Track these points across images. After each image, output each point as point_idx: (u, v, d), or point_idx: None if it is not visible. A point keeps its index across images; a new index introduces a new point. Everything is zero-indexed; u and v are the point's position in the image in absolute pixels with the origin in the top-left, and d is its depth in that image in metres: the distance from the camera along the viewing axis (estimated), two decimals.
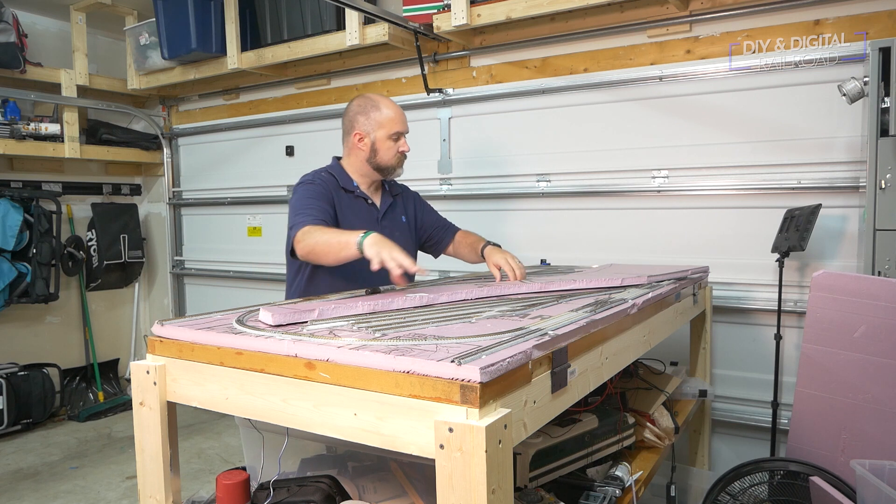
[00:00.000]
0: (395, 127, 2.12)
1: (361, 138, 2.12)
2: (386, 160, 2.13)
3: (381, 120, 2.10)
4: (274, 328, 1.26)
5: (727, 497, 2.03)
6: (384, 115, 2.11)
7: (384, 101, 2.15)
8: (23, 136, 4.09)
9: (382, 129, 2.10)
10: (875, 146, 2.16)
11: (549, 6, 2.89)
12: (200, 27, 3.93)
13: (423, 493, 1.29)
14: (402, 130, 2.15)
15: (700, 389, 2.51)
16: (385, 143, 2.11)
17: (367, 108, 2.12)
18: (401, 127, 2.14)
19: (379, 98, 2.16)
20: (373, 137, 2.11)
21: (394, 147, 2.13)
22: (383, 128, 2.10)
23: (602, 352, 1.41)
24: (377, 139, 2.11)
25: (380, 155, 2.12)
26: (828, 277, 2.07)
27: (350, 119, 2.15)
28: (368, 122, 2.11)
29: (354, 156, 2.16)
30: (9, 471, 3.52)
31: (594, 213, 3.17)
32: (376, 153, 2.12)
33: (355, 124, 2.13)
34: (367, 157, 2.13)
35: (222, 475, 1.27)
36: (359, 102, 2.15)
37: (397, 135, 2.13)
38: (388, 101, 2.15)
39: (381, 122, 2.10)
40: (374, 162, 2.14)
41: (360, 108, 2.13)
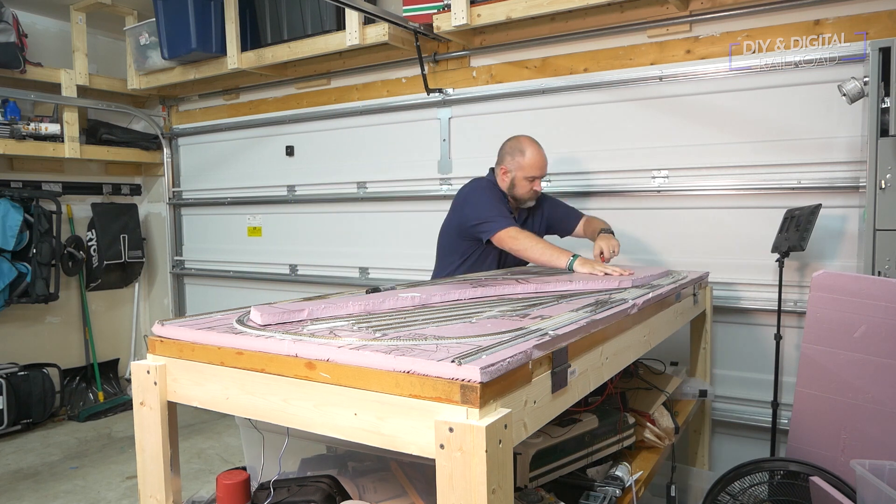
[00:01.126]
0: (532, 172, 2.54)
1: (506, 172, 2.58)
2: (520, 194, 2.59)
3: (522, 163, 2.54)
4: (274, 328, 1.26)
5: (727, 497, 2.03)
6: (526, 161, 2.54)
7: (530, 149, 2.55)
8: (23, 136, 4.09)
9: (522, 171, 2.54)
10: (875, 146, 2.16)
11: (549, 6, 2.89)
12: (200, 27, 3.93)
13: (423, 493, 1.29)
14: (537, 175, 2.56)
15: (700, 389, 2.51)
16: (522, 182, 2.55)
17: (516, 150, 2.56)
18: (537, 172, 2.56)
19: (526, 144, 2.56)
20: (513, 175, 2.56)
21: (528, 186, 2.56)
22: (523, 170, 2.54)
23: (602, 352, 1.41)
24: (517, 178, 2.55)
25: (516, 189, 2.58)
26: (828, 277, 2.07)
27: (502, 154, 2.61)
28: (513, 162, 2.56)
29: (500, 181, 2.61)
30: (9, 471, 3.52)
31: (594, 213, 3.16)
32: (514, 187, 2.58)
33: (504, 160, 2.59)
34: (507, 186, 2.59)
35: (222, 475, 1.27)
36: (511, 144, 2.59)
37: (532, 178, 2.55)
38: (533, 149, 2.55)
39: (523, 165, 2.54)
40: (511, 192, 2.59)
41: (511, 148, 2.58)
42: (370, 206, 3.92)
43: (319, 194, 4.11)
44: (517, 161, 2.54)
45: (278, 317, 1.32)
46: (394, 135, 3.80)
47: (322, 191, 4.10)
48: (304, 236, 4.25)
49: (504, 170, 2.58)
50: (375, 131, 3.87)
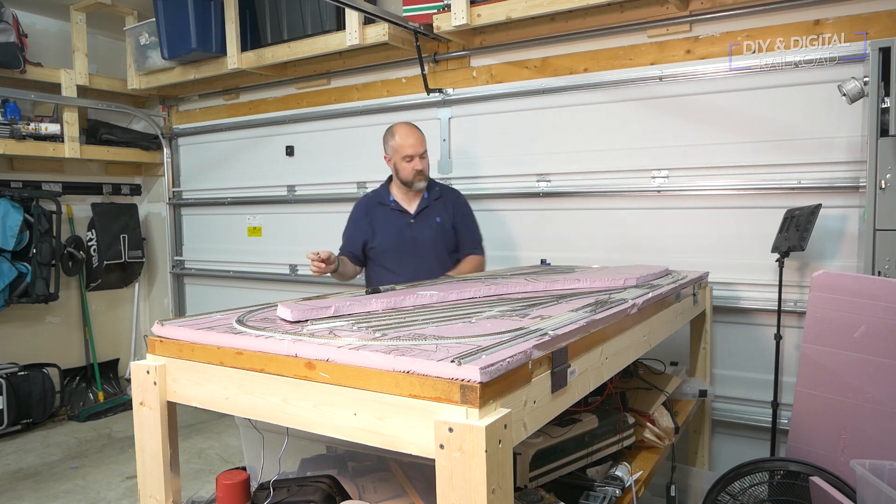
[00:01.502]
0: (405, 151, 2.63)
1: (388, 160, 2.71)
2: (404, 176, 2.67)
3: (395, 146, 2.64)
4: (274, 327, 1.26)
5: (727, 497, 2.03)
6: (397, 142, 2.63)
7: (400, 131, 2.65)
8: (23, 136, 4.09)
9: (397, 153, 2.64)
10: (875, 146, 2.16)
11: (549, 6, 2.89)
12: (200, 27, 3.93)
13: (423, 493, 1.29)
14: (411, 153, 2.62)
15: (700, 389, 2.51)
16: (401, 164, 2.64)
17: (388, 136, 2.69)
18: (411, 150, 2.62)
19: (397, 127, 2.67)
20: (393, 160, 2.67)
21: (408, 167, 2.63)
22: (397, 152, 2.64)
23: (602, 352, 1.41)
24: (396, 161, 2.66)
25: (400, 173, 2.67)
26: (828, 277, 2.07)
27: (383, 146, 2.73)
28: (389, 148, 2.68)
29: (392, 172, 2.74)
30: (9, 471, 3.52)
31: (594, 213, 3.17)
32: (398, 171, 2.68)
33: (385, 150, 2.72)
34: (394, 173, 2.71)
35: (222, 475, 1.27)
36: (386, 132, 2.72)
37: (409, 157, 2.62)
38: (403, 130, 2.65)
39: (396, 147, 2.64)
40: (398, 177, 2.70)
41: (386, 137, 2.71)
42: None
43: (319, 194, 4.11)
44: (391, 145, 2.66)
45: (307, 313, 1.34)
46: None
47: (322, 191, 4.10)
48: (304, 236, 4.24)
49: (386, 158, 2.72)
50: (375, 131, 3.85)
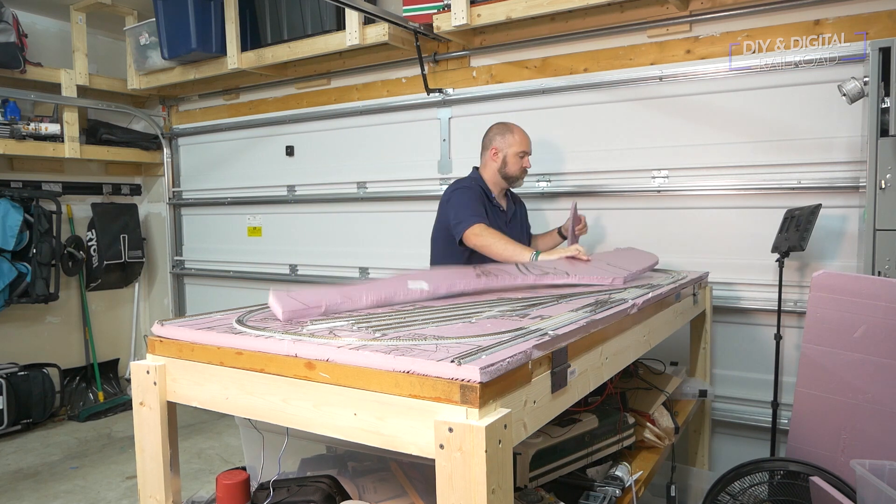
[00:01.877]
0: (522, 147, 2.68)
1: (496, 152, 2.69)
2: (512, 171, 2.69)
3: (512, 141, 2.68)
4: (274, 327, 1.26)
5: (727, 497, 2.03)
6: (516, 137, 2.68)
7: (517, 128, 2.71)
8: (23, 136, 4.09)
9: (512, 147, 2.67)
10: (875, 146, 2.16)
11: (549, 6, 2.89)
12: (200, 27, 3.93)
13: (423, 493, 1.29)
14: (527, 151, 2.70)
15: (700, 389, 2.51)
16: (513, 158, 2.67)
17: (505, 131, 2.70)
18: (527, 147, 2.70)
19: (514, 125, 2.73)
20: (504, 153, 2.68)
21: (519, 162, 2.68)
22: (513, 146, 2.67)
23: (602, 352, 1.41)
24: (508, 155, 2.67)
25: (508, 167, 2.68)
26: (828, 277, 2.07)
27: (490, 137, 2.72)
28: (503, 141, 2.68)
29: (489, 167, 2.71)
30: (9, 471, 3.52)
31: (594, 213, 3.17)
32: (506, 165, 2.68)
33: (493, 141, 2.70)
34: (499, 167, 2.69)
35: (222, 475, 1.27)
36: (498, 126, 2.73)
37: (523, 153, 2.68)
38: (520, 128, 2.71)
39: (513, 142, 2.67)
40: (503, 171, 2.69)
41: (500, 130, 2.72)
42: (370, 206, 3.92)
43: (319, 194, 4.11)
44: (507, 139, 2.67)
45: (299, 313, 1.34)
46: (394, 135, 3.80)
47: (322, 191, 4.10)
48: (304, 236, 4.25)
49: (494, 150, 2.68)
50: (375, 131, 3.87)
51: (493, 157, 2.69)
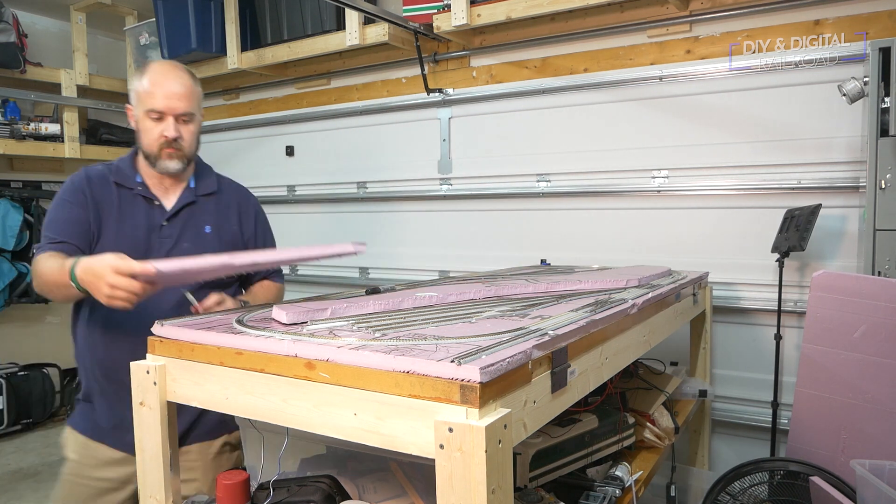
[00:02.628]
0: (151, 102, 1.63)
1: (131, 114, 1.70)
2: (145, 145, 1.67)
3: (140, 92, 1.65)
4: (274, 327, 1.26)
5: (727, 497, 2.03)
6: (144, 86, 1.64)
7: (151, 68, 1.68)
8: (23, 136, 4.09)
9: (141, 104, 1.65)
10: (875, 146, 2.16)
11: (549, 6, 2.89)
12: (200, 27, 3.93)
13: (423, 493, 1.29)
14: (159, 108, 1.63)
15: (700, 389, 2.51)
16: (144, 122, 1.65)
17: (136, 76, 1.70)
18: (160, 103, 1.62)
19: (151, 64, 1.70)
20: (136, 115, 1.67)
21: (153, 129, 1.64)
22: (142, 103, 1.65)
23: (602, 352, 1.41)
24: (139, 118, 1.66)
25: (142, 137, 1.68)
26: (828, 277, 2.07)
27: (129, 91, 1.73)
28: (134, 95, 1.68)
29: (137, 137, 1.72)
30: (9, 471, 3.52)
31: (594, 213, 3.17)
32: (140, 135, 1.68)
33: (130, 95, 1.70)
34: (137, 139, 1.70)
35: (222, 475, 1.27)
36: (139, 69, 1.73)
37: (156, 113, 1.63)
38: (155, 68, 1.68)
39: (140, 94, 1.65)
40: (140, 146, 1.70)
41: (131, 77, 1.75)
42: (370, 206, 3.92)
43: (319, 194, 4.11)
44: (136, 91, 1.67)
45: (302, 316, 1.33)
46: (394, 135, 3.80)
47: (322, 191, 4.10)
48: (303, 236, 4.24)
49: (129, 111, 1.72)
50: (375, 131, 3.87)
51: (132, 122, 1.71)
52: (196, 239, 1.75)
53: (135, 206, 1.69)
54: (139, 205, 1.70)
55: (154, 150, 1.66)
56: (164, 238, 1.70)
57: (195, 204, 1.78)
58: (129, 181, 1.70)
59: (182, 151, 1.69)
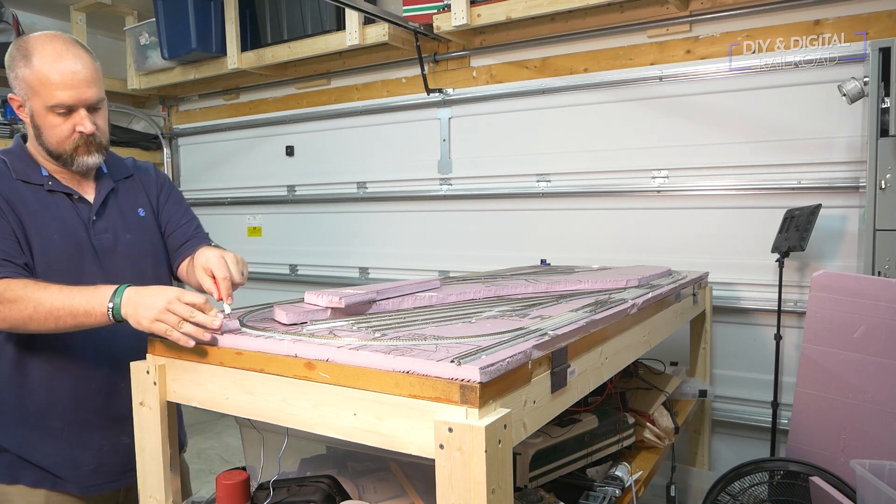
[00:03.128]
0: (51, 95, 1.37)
1: (20, 105, 1.43)
2: (53, 144, 1.42)
3: (31, 81, 1.38)
4: (274, 328, 1.26)
5: (727, 497, 2.03)
6: (35, 74, 1.36)
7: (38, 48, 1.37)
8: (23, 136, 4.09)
9: (38, 96, 1.38)
10: (875, 146, 2.16)
11: (549, 6, 2.89)
12: (200, 27, 3.93)
13: (423, 493, 1.29)
14: (68, 103, 1.38)
15: (700, 389, 2.51)
16: (46, 117, 1.39)
17: (16, 60, 1.39)
18: (66, 97, 1.37)
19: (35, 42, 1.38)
20: (30, 108, 1.41)
21: (61, 125, 1.40)
22: (38, 95, 1.38)
23: (602, 352, 1.41)
24: (36, 112, 1.40)
25: (45, 135, 1.42)
26: (828, 277, 2.07)
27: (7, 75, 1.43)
28: (21, 84, 1.39)
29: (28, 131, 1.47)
30: None
31: (594, 213, 3.17)
32: (40, 132, 1.43)
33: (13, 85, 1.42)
34: (34, 134, 1.45)
35: (222, 475, 1.27)
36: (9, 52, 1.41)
37: (64, 108, 1.39)
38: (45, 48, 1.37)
39: (33, 84, 1.38)
40: (42, 144, 1.44)
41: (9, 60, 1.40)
42: (370, 206, 3.92)
43: (319, 194, 4.11)
44: (24, 80, 1.38)
45: (304, 315, 1.33)
46: (394, 135, 3.80)
47: (322, 191, 4.10)
48: (303, 236, 4.25)
49: (17, 102, 1.44)
50: (375, 131, 3.87)
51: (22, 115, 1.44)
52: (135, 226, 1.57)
53: (53, 204, 1.45)
54: (58, 202, 1.46)
55: (67, 149, 1.42)
56: (101, 234, 1.50)
57: (117, 190, 1.57)
58: (35, 177, 1.45)
59: (101, 143, 1.47)
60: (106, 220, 1.52)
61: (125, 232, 1.54)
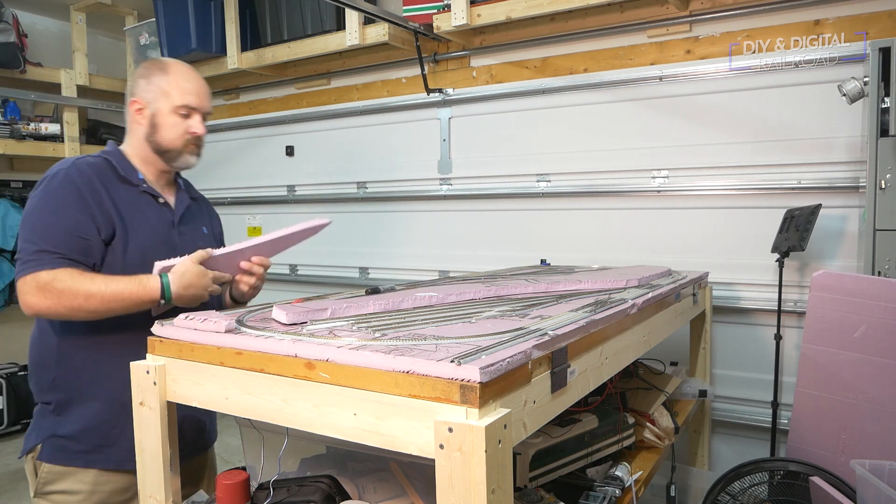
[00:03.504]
0: (183, 98, 1.64)
1: (140, 108, 1.66)
2: (169, 141, 1.66)
3: (166, 87, 1.64)
4: (274, 328, 1.26)
5: (727, 497, 2.03)
6: (172, 81, 1.64)
7: (176, 66, 1.69)
8: (23, 136, 4.09)
9: (167, 98, 1.64)
10: (875, 146, 2.16)
11: (549, 6, 2.89)
12: (200, 27, 3.93)
13: (423, 493, 1.29)
14: (193, 105, 1.65)
15: (700, 389, 2.51)
16: (168, 118, 1.64)
17: (154, 71, 1.66)
18: (193, 100, 1.65)
19: (173, 62, 1.70)
20: (153, 109, 1.65)
21: (180, 125, 1.65)
22: (168, 97, 1.63)
23: (602, 352, 1.41)
24: (159, 112, 1.64)
25: (161, 133, 1.65)
26: (828, 277, 2.07)
27: (133, 85, 1.68)
28: (150, 89, 1.65)
29: (134, 133, 1.68)
30: (9, 471, 3.52)
31: (594, 213, 3.17)
32: (157, 130, 1.65)
33: (136, 91, 1.66)
34: (146, 134, 1.66)
35: (222, 475, 1.27)
36: (145, 65, 1.70)
37: (187, 109, 1.65)
38: (182, 67, 1.70)
39: (167, 90, 1.64)
40: (153, 141, 1.66)
41: (146, 72, 1.67)
42: (370, 206, 3.92)
43: (319, 194, 4.12)
44: (157, 85, 1.64)
45: (303, 316, 1.33)
46: (394, 135, 3.80)
47: (322, 191, 4.11)
48: None
49: (137, 105, 1.66)
50: (375, 131, 3.87)
51: (138, 117, 1.66)
52: (201, 237, 1.80)
53: (144, 204, 1.67)
54: (148, 202, 1.68)
55: (178, 146, 1.67)
56: (182, 235, 1.73)
57: (190, 205, 1.83)
58: (133, 177, 1.66)
59: (201, 148, 1.75)
60: (185, 225, 1.77)
61: (197, 239, 1.77)
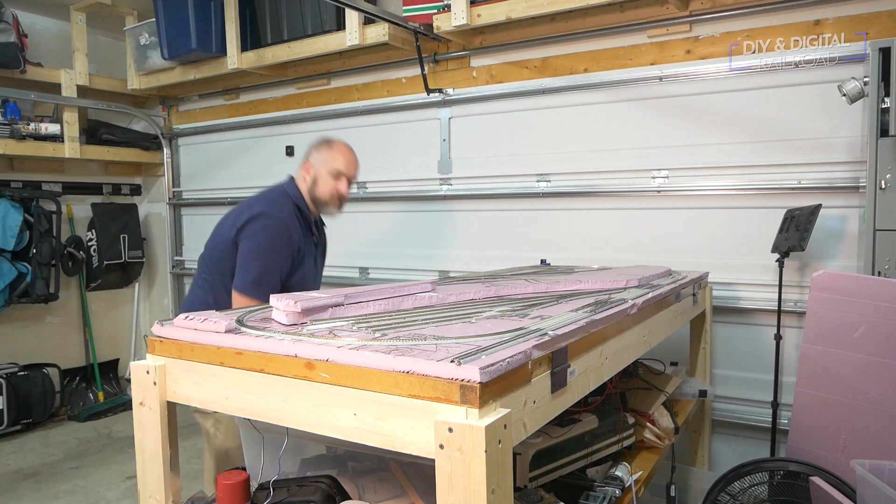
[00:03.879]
0: (337, 165, 2.30)
1: (308, 169, 2.32)
2: (321, 193, 2.29)
3: (327, 157, 2.31)
4: (274, 327, 1.26)
5: (727, 497, 2.03)
6: (333, 153, 2.32)
7: (339, 144, 2.36)
8: (23, 136, 4.09)
9: (325, 164, 2.30)
10: (875, 146, 2.16)
11: (549, 6, 2.89)
12: (200, 27, 3.93)
13: (423, 493, 1.29)
14: (343, 171, 2.30)
15: (700, 389, 2.51)
16: (325, 178, 2.29)
17: (322, 145, 2.36)
18: (343, 167, 2.30)
19: (337, 142, 2.37)
20: (316, 171, 2.30)
21: (332, 184, 2.29)
22: (326, 163, 2.30)
23: (602, 352, 1.41)
24: (319, 174, 2.30)
25: (318, 188, 2.29)
26: (828, 277, 2.07)
27: (308, 153, 2.37)
28: (318, 156, 2.32)
29: (301, 183, 2.34)
30: (9, 471, 3.53)
31: (594, 213, 3.17)
32: (315, 185, 2.30)
33: (309, 157, 2.36)
34: (308, 186, 2.31)
35: (222, 475, 1.27)
36: (319, 141, 2.39)
37: (338, 174, 2.29)
38: (343, 147, 2.35)
39: (327, 158, 2.31)
40: (312, 193, 2.31)
41: (318, 145, 2.37)
42: (370, 206, 3.92)
43: None
44: (322, 155, 2.32)
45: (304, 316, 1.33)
46: (394, 135, 3.80)
47: None
48: None
49: (307, 166, 2.33)
50: (375, 131, 3.87)
51: (305, 174, 2.32)
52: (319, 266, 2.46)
53: (307, 236, 2.31)
54: (307, 235, 2.31)
55: (327, 199, 2.30)
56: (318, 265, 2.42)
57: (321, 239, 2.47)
58: (308, 219, 2.32)
59: (344, 204, 2.37)
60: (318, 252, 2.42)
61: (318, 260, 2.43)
